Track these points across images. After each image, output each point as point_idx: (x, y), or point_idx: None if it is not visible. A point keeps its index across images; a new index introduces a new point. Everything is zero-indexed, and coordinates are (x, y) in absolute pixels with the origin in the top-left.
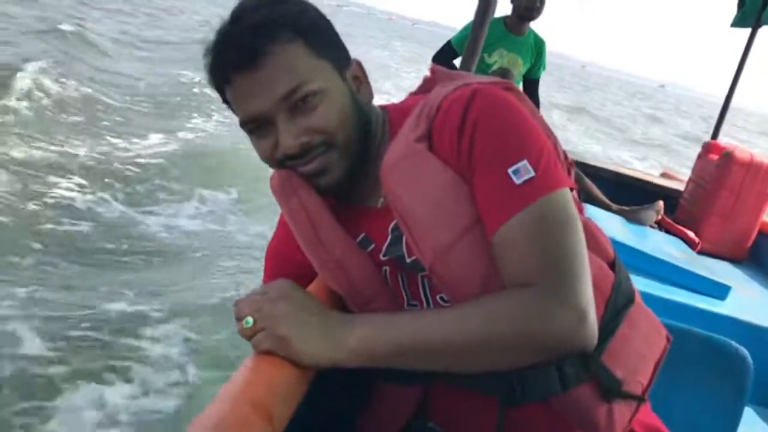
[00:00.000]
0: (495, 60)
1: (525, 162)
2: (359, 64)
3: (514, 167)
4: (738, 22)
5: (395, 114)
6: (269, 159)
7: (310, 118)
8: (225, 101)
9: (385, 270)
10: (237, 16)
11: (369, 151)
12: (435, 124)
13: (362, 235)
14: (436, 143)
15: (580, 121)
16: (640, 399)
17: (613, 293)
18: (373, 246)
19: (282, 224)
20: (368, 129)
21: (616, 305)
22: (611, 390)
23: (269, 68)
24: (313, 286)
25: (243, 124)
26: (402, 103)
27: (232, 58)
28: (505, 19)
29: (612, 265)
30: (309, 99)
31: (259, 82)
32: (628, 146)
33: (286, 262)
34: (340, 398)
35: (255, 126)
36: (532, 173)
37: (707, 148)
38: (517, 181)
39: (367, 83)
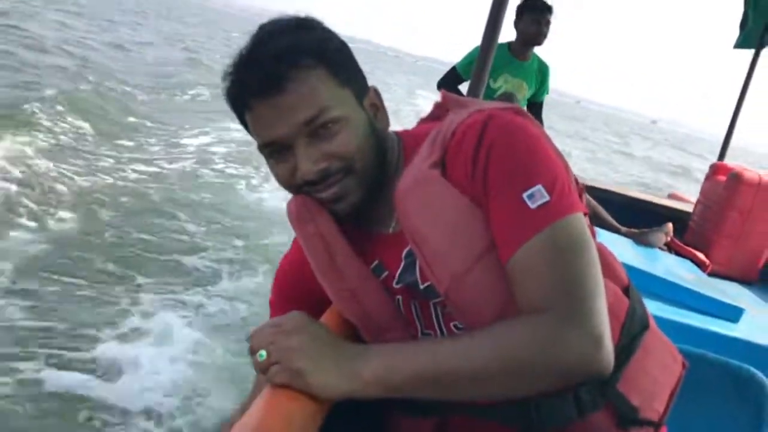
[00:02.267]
0: (500, 85)
1: (540, 186)
2: (376, 91)
3: (528, 192)
4: (741, 44)
5: (409, 140)
6: (287, 184)
7: (329, 145)
8: (242, 123)
9: (398, 299)
10: (259, 40)
11: (385, 177)
12: (449, 150)
13: (376, 261)
14: (449, 169)
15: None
16: (656, 426)
17: (627, 319)
18: (386, 273)
19: (296, 246)
20: (385, 155)
21: (631, 331)
22: (627, 417)
23: (291, 95)
24: (327, 316)
25: (261, 148)
26: (415, 129)
27: (253, 84)
28: (509, 44)
29: (626, 291)
30: (329, 126)
31: (279, 108)
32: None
33: (296, 285)
34: (356, 431)
35: (274, 150)
36: (547, 197)
37: (714, 170)
38: (532, 205)
39: (384, 110)
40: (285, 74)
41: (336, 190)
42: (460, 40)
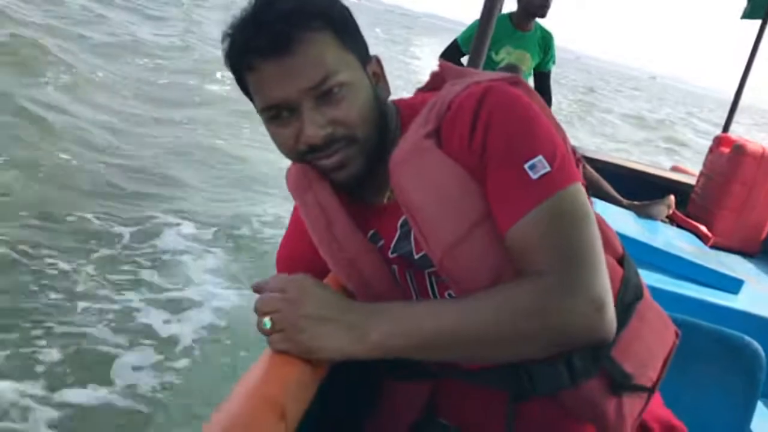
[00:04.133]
0: (503, 57)
1: (540, 157)
2: (378, 60)
3: (530, 162)
4: (749, 14)
5: (406, 110)
6: (289, 149)
7: (335, 110)
8: (242, 86)
9: (394, 268)
10: (265, 1)
11: (384, 147)
12: (445, 121)
13: (372, 231)
14: (445, 140)
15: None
16: (650, 391)
17: (622, 288)
18: (382, 242)
19: (292, 226)
20: (386, 125)
21: (625, 301)
22: (621, 384)
23: (299, 56)
24: (326, 282)
25: (263, 110)
26: (412, 99)
27: (261, 44)
28: (511, 15)
29: (620, 261)
30: (335, 91)
31: (287, 69)
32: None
33: (297, 263)
34: (351, 396)
35: (276, 113)
36: (548, 168)
37: (718, 142)
38: (534, 176)
39: (385, 79)
40: (293, 35)
41: (339, 158)
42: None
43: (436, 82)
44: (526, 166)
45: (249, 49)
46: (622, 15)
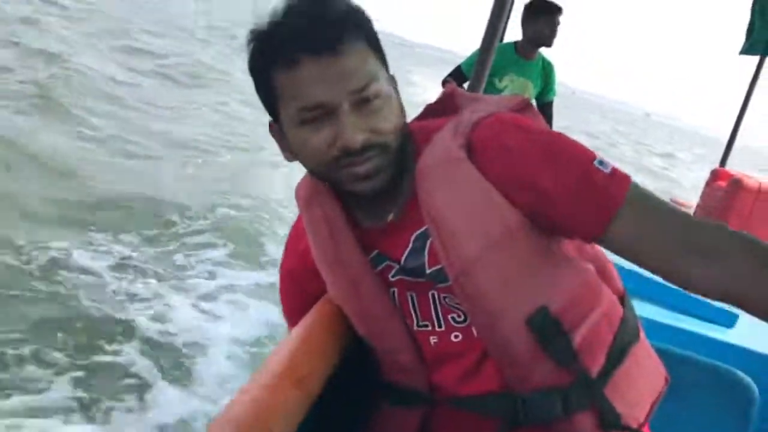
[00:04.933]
0: (506, 84)
1: (599, 158)
2: (394, 79)
3: (596, 160)
4: (747, 50)
5: (419, 132)
6: (321, 154)
7: (374, 118)
8: (265, 88)
9: (393, 291)
10: (311, 4)
11: (403, 164)
12: (475, 139)
13: (374, 252)
14: (477, 157)
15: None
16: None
17: (621, 328)
18: (384, 265)
19: (291, 244)
20: (407, 142)
21: (623, 340)
22: (610, 422)
23: (349, 59)
24: (320, 305)
25: (301, 111)
26: (424, 122)
27: (314, 40)
28: (516, 44)
29: (621, 299)
30: (374, 99)
31: (335, 70)
32: None
33: (301, 284)
34: (343, 421)
35: (312, 117)
36: (610, 164)
37: (715, 175)
38: (607, 170)
39: (400, 99)
40: (345, 38)
41: (371, 165)
42: (462, 30)
43: (447, 105)
44: (595, 163)
45: (299, 44)
46: (617, 51)
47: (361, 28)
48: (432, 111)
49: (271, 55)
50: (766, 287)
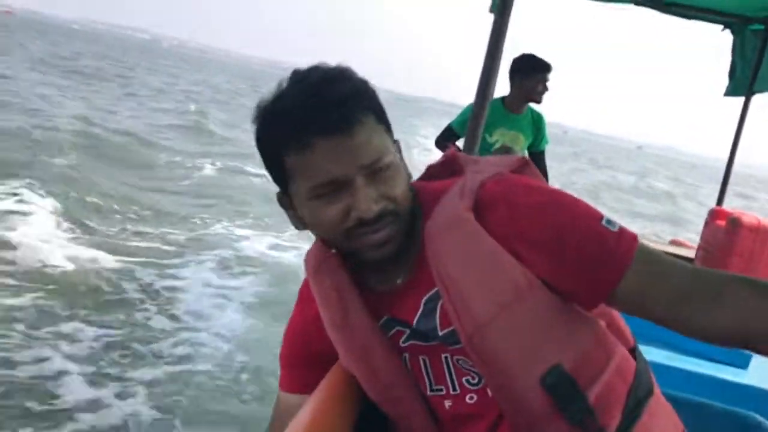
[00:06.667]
0: (497, 139)
1: (606, 216)
2: (399, 145)
3: (603, 219)
4: (731, 92)
5: (425, 195)
6: (335, 225)
7: (386, 186)
8: (278, 168)
9: (405, 356)
10: (320, 83)
11: (412, 228)
12: (482, 199)
13: (385, 318)
14: (485, 217)
15: None
16: None
17: (635, 382)
18: (394, 330)
19: (300, 305)
20: (415, 207)
21: (638, 395)
22: None
23: (357, 137)
24: (333, 372)
25: (315, 188)
26: (429, 184)
27: (324, 122)
28: (503, 99)
29: (632, 353)
30: (385, 170)
31: (346, 149)
32: None
33: (306, 345)
34: None
35: (325, 192)
36: (617, 222)
37: (714, 215)
38: (614, 228)
39: (405, 164)
40: (354, 117)
41: (386, 233)
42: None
43: (449, 167)
44: (603, 222)
45: (310, 128)
46: (608, 89)
47: (369, 102)
48: (434, 172)
49: (282, 137)
50: None
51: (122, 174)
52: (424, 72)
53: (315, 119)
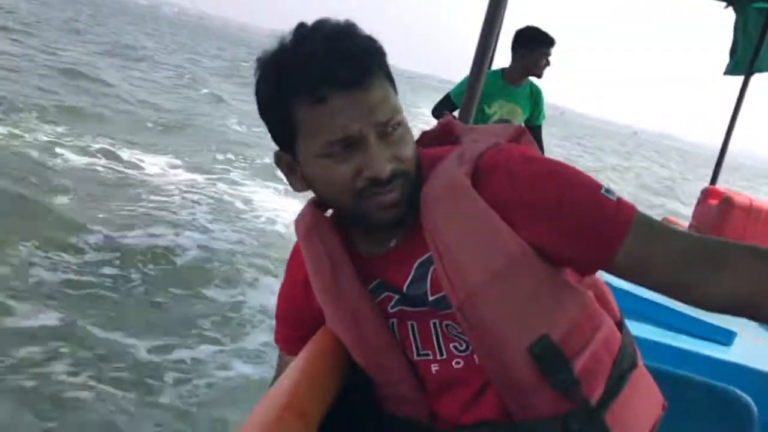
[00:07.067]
0: (495, 111)
1: (605, 186)
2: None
3: (602, 189)
4: (731, 70)
5: (424, 160)
6: (346, 185)
7: (399, 147)
8: (285, 124)
9: (392, 322)
10: (337, 35)
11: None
12: (482, 168)
13: (375, 281)
14: (484, 186)
15: None
16: None
17: (619, 355)
18: (383, 296)
19: (290, 272)
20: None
21: (622, 367)
22: None
23: (375, 92)
24: (319, 336)
25: (328, 145)
26: (424, 150)
27: (341, 76)
28: (503, 71)
29: (618, 326)
30: (397, 129)
31: (363, 103)
32: None
33: (297, 311)
34: None
35: (339, 149)
36: (615, 192)
37: (706, 194)
38: (613, 197)
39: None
40: (372, 71)
41: (397, 194)
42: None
43: (444, 134)
44: (602, 192)
45: (326, 80)
46: (607, 71)
47: (381, 58)
48: (429, 139)
49: (293, 89)
50: None
51: None
52: (422, 49)
53: (333, 71)
